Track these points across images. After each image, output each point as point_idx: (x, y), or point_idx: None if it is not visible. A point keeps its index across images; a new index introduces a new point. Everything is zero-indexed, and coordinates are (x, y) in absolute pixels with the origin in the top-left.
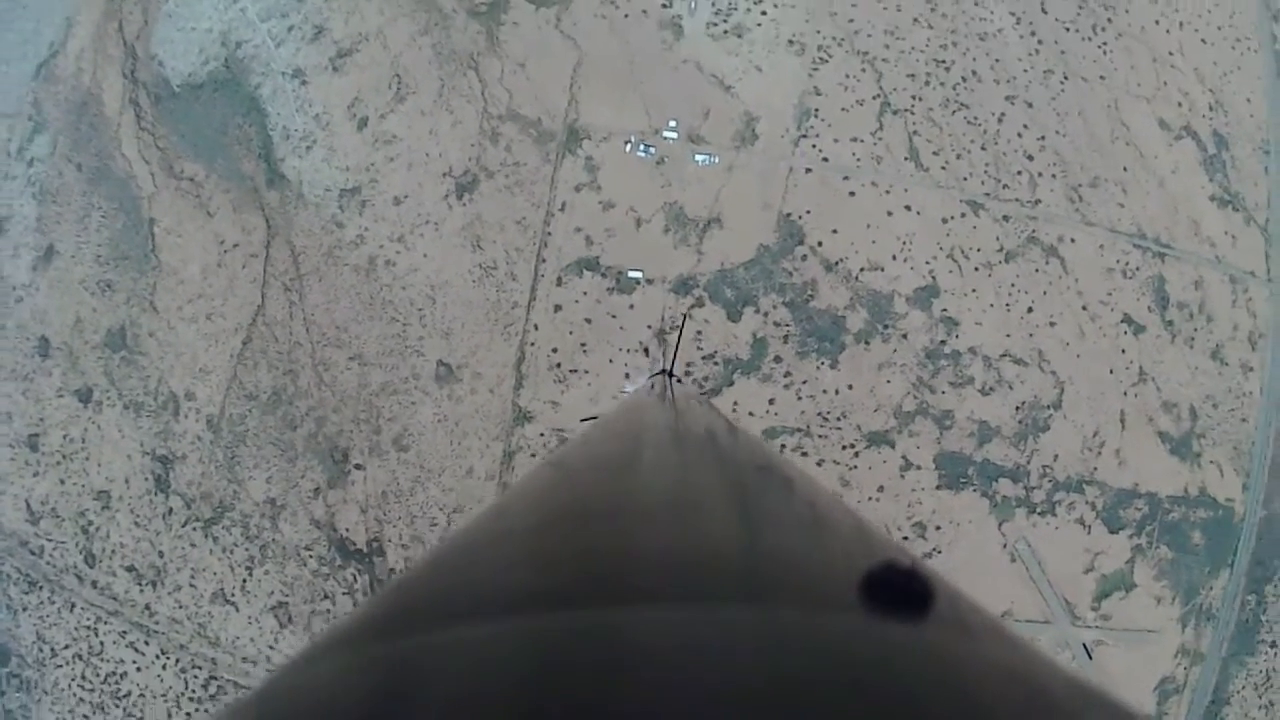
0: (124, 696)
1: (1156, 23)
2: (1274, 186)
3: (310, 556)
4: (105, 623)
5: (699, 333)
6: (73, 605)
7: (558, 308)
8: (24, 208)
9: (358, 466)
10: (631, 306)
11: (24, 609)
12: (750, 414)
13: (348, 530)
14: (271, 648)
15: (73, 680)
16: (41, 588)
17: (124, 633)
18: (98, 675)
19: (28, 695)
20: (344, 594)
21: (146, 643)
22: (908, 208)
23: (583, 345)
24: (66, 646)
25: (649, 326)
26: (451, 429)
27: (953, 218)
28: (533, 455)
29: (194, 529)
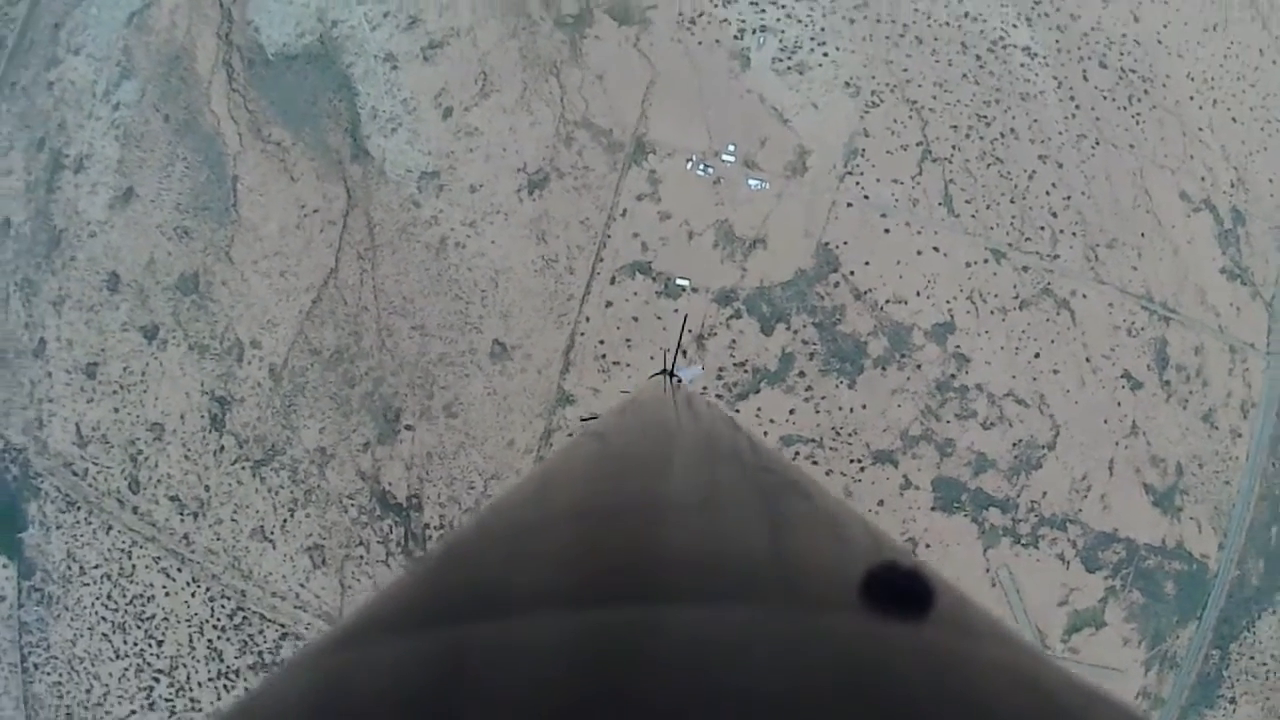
0: (148, 619)
1: (1191, 98)
2: None
3: (352, 505)
4: (140, 547)
5: (733, 341)
6: (109, 528)
7: (609, 304)
8: (106, 149)
9: (408, 427)
10: (675, 310)
11: (58, 527)
12: (771, 421)
13: (390, 484)
14: (302, 585)
15: (97, 599)
16: (79, 508)
17: (158, 558)
18: (124, 596)
19: (47, 610)
20: (378, 543)
21: (179, 570)
22: (936, 249)
23: (627, 340)
24: (97, 566)
25: (690, 330)
26: (499, 403)
27: (976, 263)
28: (569, 435)
29: (243, 468)
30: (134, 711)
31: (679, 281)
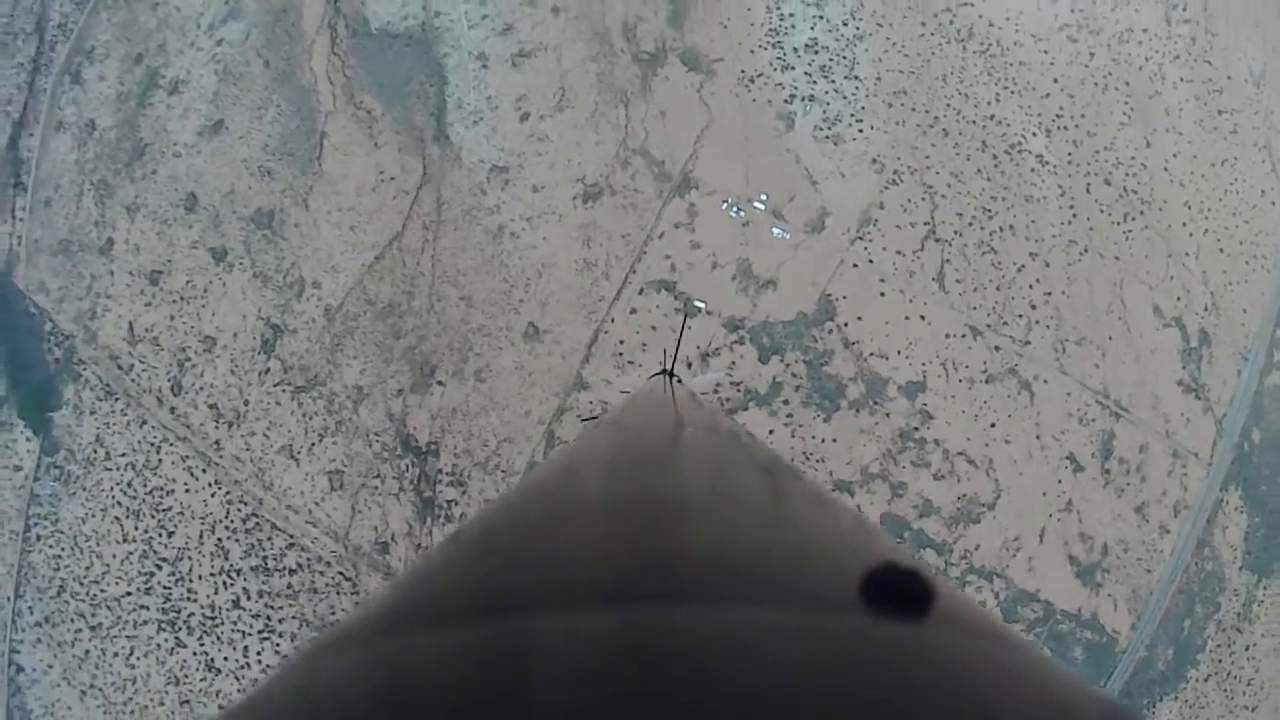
0: (164, 510)
1: (1184, 225)
2: (1241, 391)
3: (376, 440)
4: (170, 445)
5: (733, 363)
6: (143, 422)
7: (633, 311)
8: (203, 79)
9: (439, 383)
10: (689, 328)
11: (92, 412)
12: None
13: (414, 429)
14: (317, 504)
15: (116, 485)
16: (118, 398)
17: (185, 457)
18: (145, 486)
19: (63, 487)
20: (394, 478)
21: (204, 470)
22: (922, 317)
23: (644, 345)
24: (123, 455)
25: (697, 347)
26: (524, 377)
27: (955, 336)
28: (579, 416)
29: (284, 391)
30: (129, 593)
31: (696, 303)
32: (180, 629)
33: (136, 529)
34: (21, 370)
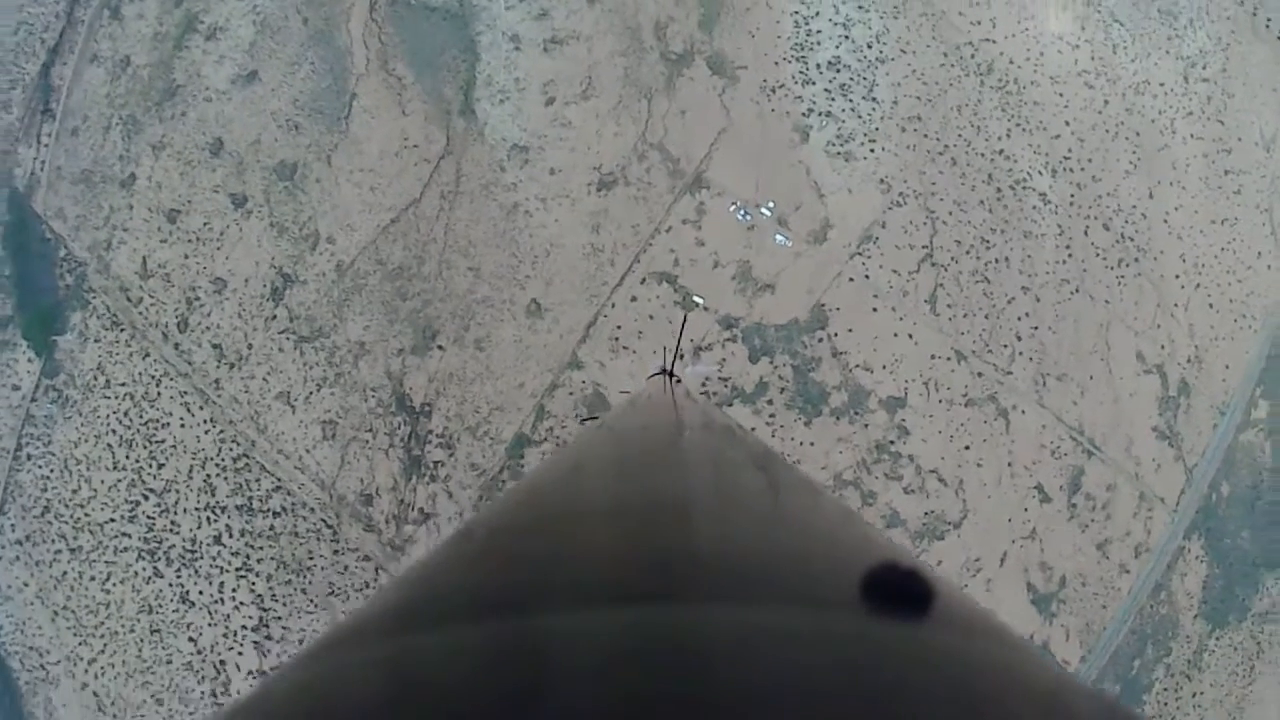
0: (157, 441)
1: (1176, 277)
2: (1215, 444)
3: (373, 396)
4: (171, 379)
5: (724, 359)
6: (146, 354)
7: (634, 299)
8: (241, 29)
9: (440, 347)
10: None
11: (96, 340)
12: None
13: (411, 389)
14: (307, 451)
15: (113, 413)
16: (123, 329)
17: (184, 393)
18: (141, 417)
19: (59, 410)
20: (385, 434)
21: (201, 407)
22: (910, 336)
23: (639, 332)
24: (123, 384)
25: (692, 340)
26: (522, 350)
27: (939, 357)
28: (570, 394)
29: (287, 339)
30: (113, 519)
31: (695, 298)
32: (159, 559)
33: (128, 458)
34: (30, 292)
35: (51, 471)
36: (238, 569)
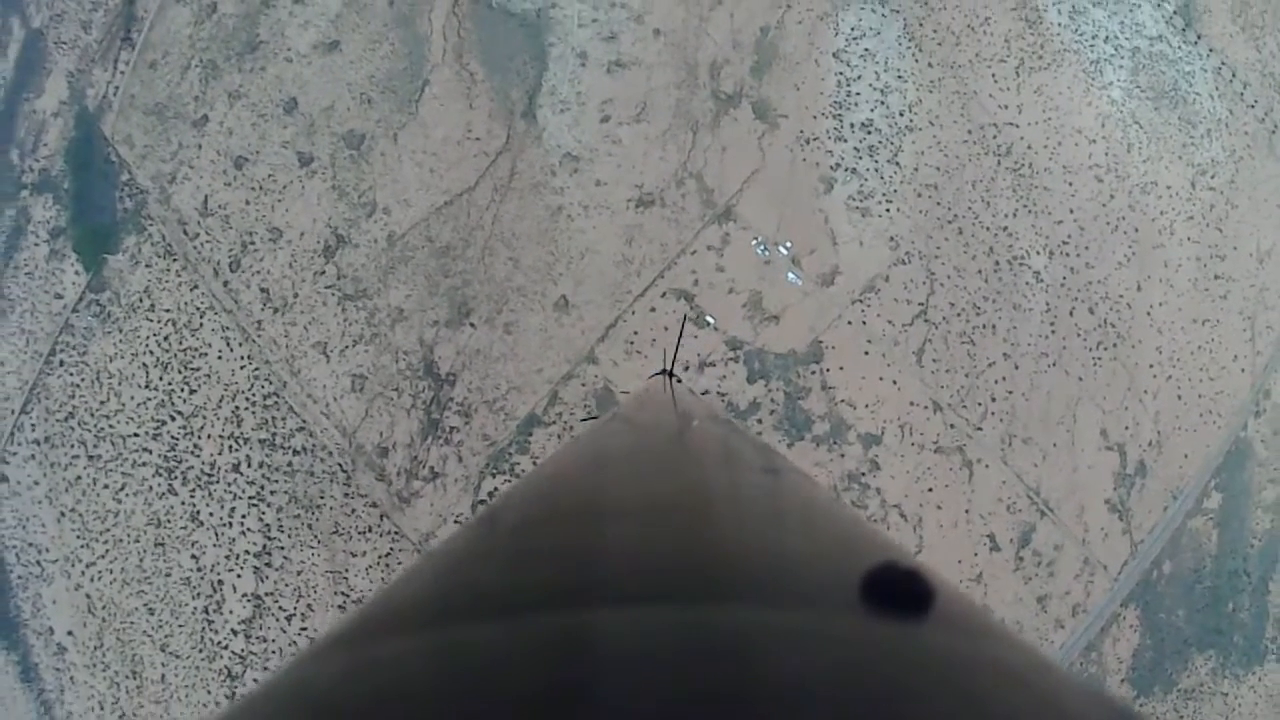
0: (193, 369)
1: (1150, 366)
2: (1163, 524)
3: (403, 359)
4: (215, 314)
5: (723, 376)
6: (195, 286)
7: (652, 309)
8: (329, 1)
9: (471, 324)
10: (695, 337)
11: (147, 265)
12: None
13: (440, 358)
14: (334, 400)
15: (153, 335)
16: (176, 259)
17: (226, 328)
18: (180, 343)
19: (99, 323)
20: (409, 395)
21: (240, 344)
22: (894, 382)
23: (653, 340)
24: (167, 310)
25: (697, 355)
26: (545, 340)
27: (918, 405)
28: (583, 385)
29: (332, 294)
30: (136, 435)
31: (707, 318)
32: (176, 478)
33: (161, 379)
34: (87, 209)
35: (82, 380)
36: (250, 497)
